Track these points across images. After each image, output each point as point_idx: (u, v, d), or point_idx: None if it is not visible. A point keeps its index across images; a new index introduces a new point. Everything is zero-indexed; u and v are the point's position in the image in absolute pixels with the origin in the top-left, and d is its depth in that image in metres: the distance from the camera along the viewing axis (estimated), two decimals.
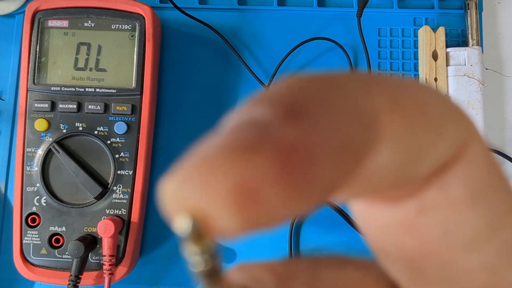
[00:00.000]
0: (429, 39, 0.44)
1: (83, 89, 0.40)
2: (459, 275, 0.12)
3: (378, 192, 0.11)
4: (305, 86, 0.09)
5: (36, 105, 0.40)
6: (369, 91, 0.09)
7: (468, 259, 0.11)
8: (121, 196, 0.40)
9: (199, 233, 0.08)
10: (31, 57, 0.41)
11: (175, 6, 0.44)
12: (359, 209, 0.12)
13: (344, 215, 0.42)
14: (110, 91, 0.40)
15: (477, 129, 0.11)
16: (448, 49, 0.44)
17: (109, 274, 0.38)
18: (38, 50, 0.41)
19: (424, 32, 0.44)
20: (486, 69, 0.46)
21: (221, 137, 0.08)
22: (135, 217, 0.40)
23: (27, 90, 0.40)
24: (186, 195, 0.08)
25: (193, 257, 0.09)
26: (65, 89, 0.40)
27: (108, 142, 0.40)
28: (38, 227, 0.39)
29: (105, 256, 0.38)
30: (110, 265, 0.38)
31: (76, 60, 0.41)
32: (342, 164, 0.09)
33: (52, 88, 0.40)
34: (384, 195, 0.11)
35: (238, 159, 0.08)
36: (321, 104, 0.09)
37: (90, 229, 0.39)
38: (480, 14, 0.46)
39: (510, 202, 0.11)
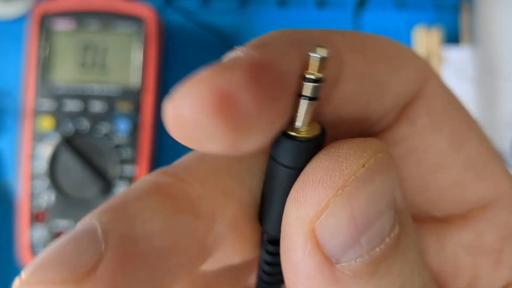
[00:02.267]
0: (424, 38, 0.45)
1: (88, 89, 0.42)
2: (435, 195, 0.13)
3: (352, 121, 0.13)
4: (276, 33, 0.11)
5: (43, 104, 0.42)
6: (329, 35, 0.11)
7: (439, 178, 0.13)
8: None
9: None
10: (38, 57, 0.42)
11: (178, 10, 0.46)
12: None
13: None
14: (114, 90, 0.42)
15: (432, 67, 0.13)
16: (443, 48, 0.45)
17: None
18: (45, 51, 0.42)
19: (419, 32, 0.45)
20: (480, 68, 0.47)
21: (210, 66, 0.10)
22: None
23: (34, 89, 0.42)
24: (178, 106, 0.09)
25: None
26: (71, 88, 0.42)
27: (113, 139, 0.41)
28: (46, 222, 0.41)
29: None
30: None
31: (82, 61, 0.43)
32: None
33: (59, 88, 0.42)
34: (363, 131, 0.13)
35: (217, 73, 0.09)
36: (281, 39, 0.11)
37: None
38: (474, 14, 0.47)
39: (468, 121, 0.13)
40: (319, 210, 0.10)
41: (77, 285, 0.09)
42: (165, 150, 0.45)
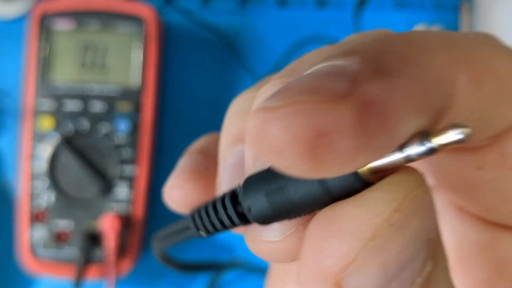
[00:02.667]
0: None
1: (88, 89, 0.42)
2: (503, 218, 0.12)
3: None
4: (397, 47, 0.09)
5: (43, 104, 0.42)
6: (455, 63, 0.10)
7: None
8: (125, 192, 0.41)
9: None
10: (38, 57, 0.42)
11: (178, 10, 0.46)
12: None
13: None
14: (114, 90, 0.42)
15: None
16: None
17: (113, 267, 0.39)
18: (45, 51, 0.42)
19: None
20: None
21: (310, 79, 0.08)
22: (138, 212, 0.41)
23: (34, 89, 0.42)
24: (268, 132, 0.08)
25: None
26: (71, 88, 0.42)
27: (113, 139, 0.41)
28: (46, 222, 0.41)
29: (109, 250, 0.39)
30: (114, 259, 0.39)
31: (82, 61, 0.43)
32: (416, 124, 0.09)
33: (59, 88, 0.42)
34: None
35: (322, 106, 0.08)
36: (410, 67, 0.09)
37: (95, 224, 0.40)
38: (474, 14, 0.47)
39: None
40: (345, 264, 0.09)
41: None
42: (165, 150, 0.45)
